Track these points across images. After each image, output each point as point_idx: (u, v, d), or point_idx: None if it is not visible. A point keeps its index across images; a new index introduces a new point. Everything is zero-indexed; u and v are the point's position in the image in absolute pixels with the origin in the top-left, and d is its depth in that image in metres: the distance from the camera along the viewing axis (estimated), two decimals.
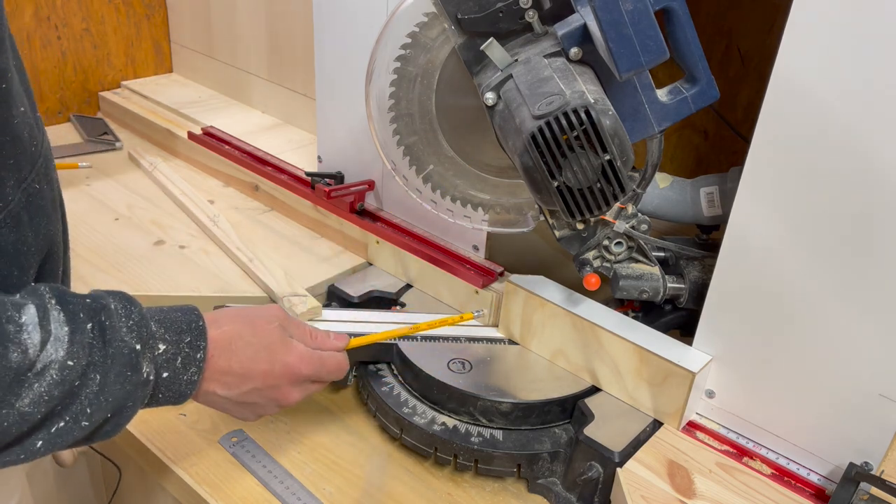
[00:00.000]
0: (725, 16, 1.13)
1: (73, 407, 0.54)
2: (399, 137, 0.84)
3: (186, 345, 0.62)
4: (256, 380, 0.68)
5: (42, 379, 0.51)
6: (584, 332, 0.84)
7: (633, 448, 0.77)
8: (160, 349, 0.60)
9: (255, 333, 0.68)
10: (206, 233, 1.13)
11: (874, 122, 0.63)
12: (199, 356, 0.62)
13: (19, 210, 0.57)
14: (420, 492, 0.79)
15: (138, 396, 0.58)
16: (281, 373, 0.69)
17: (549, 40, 0.73)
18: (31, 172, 0.59)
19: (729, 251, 0.76)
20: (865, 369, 0.70)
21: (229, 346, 0.66)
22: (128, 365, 0.56)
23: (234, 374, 0.66)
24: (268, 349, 0.68)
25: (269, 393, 0.69)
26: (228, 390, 0.66)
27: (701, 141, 1.25)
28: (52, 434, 0.53)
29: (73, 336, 0.53)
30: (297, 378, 0.71)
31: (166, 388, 0.61)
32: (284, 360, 0.69)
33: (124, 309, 0.58)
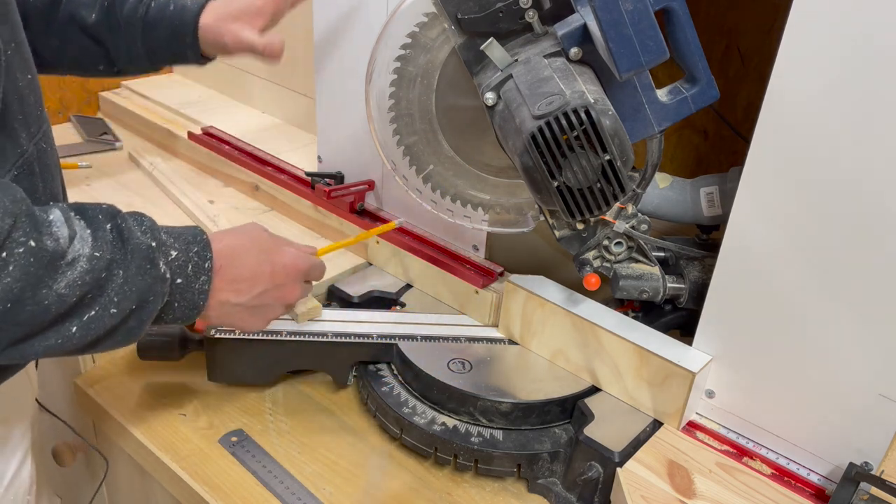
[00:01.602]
0: (725, 16, 1.13)
1: (101, 298, 0.58)
2: (399, 137, 0.84)
3: (195, 254, 0.66)
4: (265, 281, 0.74)
5: (73, 268, 0.56)
6: (584, 332, 0.84)
7: (633, 448, 0.77)
8: (172, 255, 0.64)
9: (253, 241, 0.74)
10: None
11: (874, 122, 0.63)
12: (206, 265, 0.67)
13: (32, 160, 0.64)
14: (420, 492, 0.79)
15: (158, 291, 0.62)
16: (283, 272, 0.76)
17: (549, 40, 0.74)
18: (38, 132, 0.65)
19: (729, 251, 0.76)
20: (865, 369, 0.70)
21: (234, 255, 0.71)
22: (146, 259, 0.61)
23: (244, 280, 0.72)
24: (267, 253, 0.75)
25: (276, 292, 0.75)
26: (241, 296, 0.71)
27: (701, 141, 1.25)
28: (85, 321, 0.58)
29: (96, 234, 0.58)
30: (296, 274, 0.78)
31: (181, 296, 0.65)
32: (282, 260, 0.76)
33: (136, 219, 0.63)
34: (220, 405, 0.89)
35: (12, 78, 0.61)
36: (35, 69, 0.67)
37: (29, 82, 0.64)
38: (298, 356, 0.90)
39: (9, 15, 0.61)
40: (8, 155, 0.62)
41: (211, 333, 0.86)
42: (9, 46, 0.61)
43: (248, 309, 0.73)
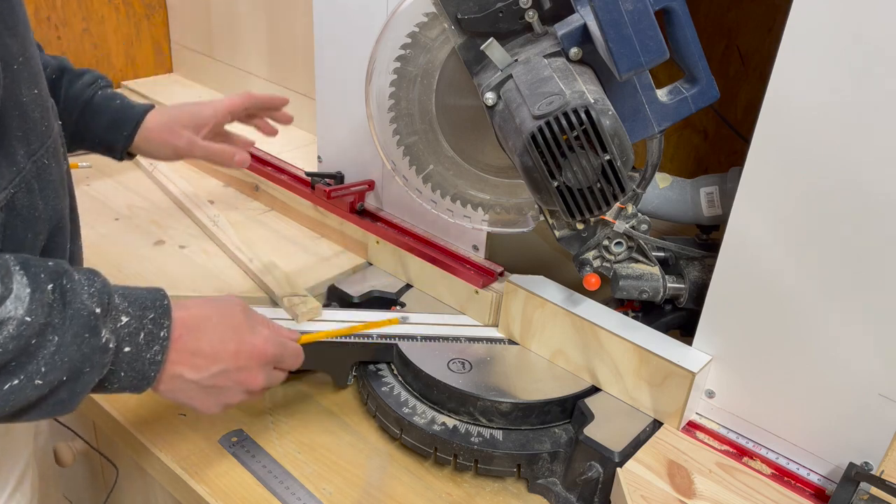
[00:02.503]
0: (725, 16, 1.14)
1: (28, 366, 0.53)
2: (399, 137, 0.84)
3: (150, 321, 0.61)
4: (226, 360, 0.67)
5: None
6: (584, 332, 0.84)
7: (633, 448, 0.77)
8: (122, 321, 0.59)
9: (222, 315, 0.69)
10: (206, 233, 1.13)
11: (874, 121, 0.63)
12: (162, 334, 0.61)
13: (31, 178, 0.61)
14: (420, 492, 0.79)
15: (96, 363, 0.57)
16: (249, 353, 0.69)
17: (549, 40, 0.74)
18: (40, 148, 0.63)
19: (729, 251, 0.76)
20: (865, 369, 0.70)
21: (198, 327, 0.65)
22: (86, 327, 0.55)
23: (204, 355, 0.66)
24: (235, 330, 0.69)
25: (237, 375, 0.69)
26: (197, 373, 0.65)
27: (701, 141, 1.25)
28: (5, 391, 0.52)
29: (34, 294, 0.53)
30: (263, 359, 0.71)
31: (128, 366, 0.60)
32: (252, 341, 0.70)
33: (87, 278, 0.58)
34: None
35: (16, 93, 0.59)
36: (45, 83, 0.65)
37: (35, 97, 0.62)
38: None
39: (17, 28, 0.60)
40: (3, 172, 0.59)
41: None
42: (16, 61, 0.59)
43: (202, 388, 0.67)
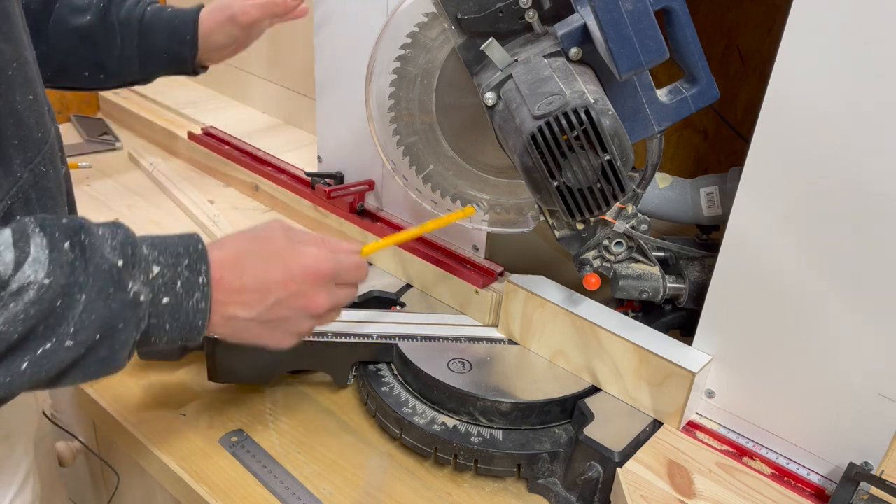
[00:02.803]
0: (725, 16, 1.13)
1: (58, 328, 0.51)
2: (399, 137, 0.85)
3: (185, 268, 0.58)
4: (276, 290, 0.64)
5: (19, 299, 0.49)
6: (584, 332, 0.84)
7: (633, 448, 0.77)
8: (154, 271, 0.57)
9: (261, 245, 0.66)
10: (206, 233, 1.13)
11: (874, 121, 0.63)
12: (201, 280, 0.59)
13: (28, 188, 0.60)
14: (420, 492, 0.79)
15: (129, 318, 0.54)
16: (300, 276, 0.65)
17: (549, 40, 0.74)
18: (37, 155, 0.61)
19: (729, 251, 0.76)
20: (865, 369, 0.70)
21: (237, 263, 0.63)
22: (110, 281, 0.53)
23: (251, 291, 0.63)
24: (278, 257, 0.65)
25: (294, 302, 0.65)
26: (250, 309, 0.63)
27: (701, 141, 1.25)
28: (38, 356, 0.51)
29: (52, 255, 0.51)
30: (318, 278, 0.66)
31: (171, 317, 0.58)
32: (300, 262, 0.66)
33: (110, 231, 0.56)
34: (220, 405, 0.89)
35: (11, 100, 0.57)
36: (41, 86, 0.63)
37: (31, 102, 0.60)
38: (298, 356, 0.89)
39: (12, 32, 0.57)
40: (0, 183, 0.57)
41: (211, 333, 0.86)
42: (10, 66, 0.57)
43: (263, 324, 0.64)
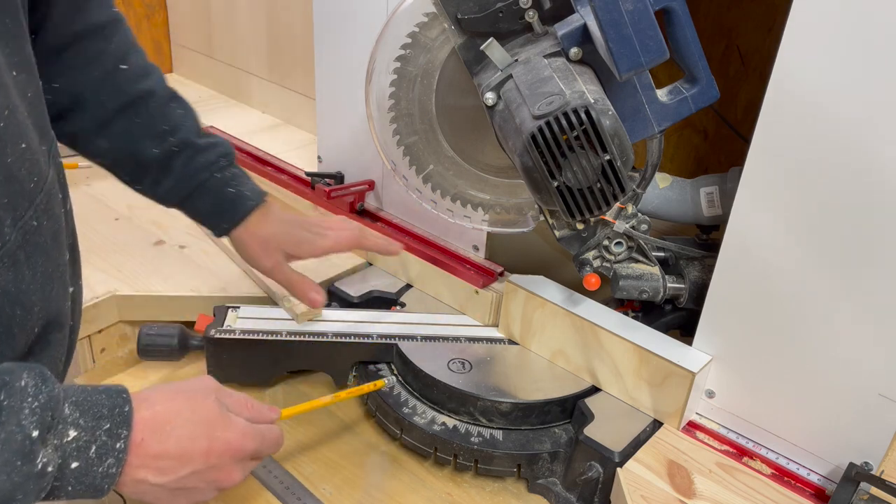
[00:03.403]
0: (725, 16, 1.13)
1: None
2: (399, 137, 0.84)
3: (105, 432, 0.55)
4: (197, 461, 0.61)
5: None
6: (584, 332, 0.84)
7: (633, 448, 0.77)
8: (70, 436, 0.53)
9: (193, 410, 0.62)
10: (206, 233, 1.13)
11: (874, 121, 0.63)
12: (118, 446, 0.55)
13: (15, 249, 0.55)
14: (420, 492, 0.79)
15: (30, 490, 0.51)
16: (222, 450, 0.62)
17: (549, 40, 0.74)
18: (28, 209, 0.57)
19: (729, 251, 0.76)
20: (865, 369, 0.70)
21: (163, 427, 0.59)
22: (19, 453, 0.49)
23: (170, 457, 0.59)
24: (207, 425, 0.62)
25: (210, 475, 0.62)
26: (163, 476, 0.59)
27: (701, 141, 1.25)
28: None
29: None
30: (239, 454, 0.64)
31: (77, 481, 0.54)
32: (226, 437, 0.62)
33: (33, 387, 0.51)
34: None
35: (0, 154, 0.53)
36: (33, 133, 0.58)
37: (23, 152, 0.55)
38: (298, 356, 0.90)
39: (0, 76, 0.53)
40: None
41: (211, 333, 0.86)
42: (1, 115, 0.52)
43: (170, 491, 0.60)
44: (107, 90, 0.75)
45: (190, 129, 0.80)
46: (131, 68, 0.77)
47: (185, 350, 0.88)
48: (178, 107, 0.80)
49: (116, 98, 0.76)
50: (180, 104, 0.81)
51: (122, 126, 0.77)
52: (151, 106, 0.78)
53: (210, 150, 0.81)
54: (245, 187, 0.83)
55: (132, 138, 0.77)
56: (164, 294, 0.97)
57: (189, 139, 0.80)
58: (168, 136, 0.78)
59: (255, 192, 0.84)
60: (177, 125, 0.79)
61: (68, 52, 0.73)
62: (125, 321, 0.97)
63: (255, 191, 0.84)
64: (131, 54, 0.78)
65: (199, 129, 0.81)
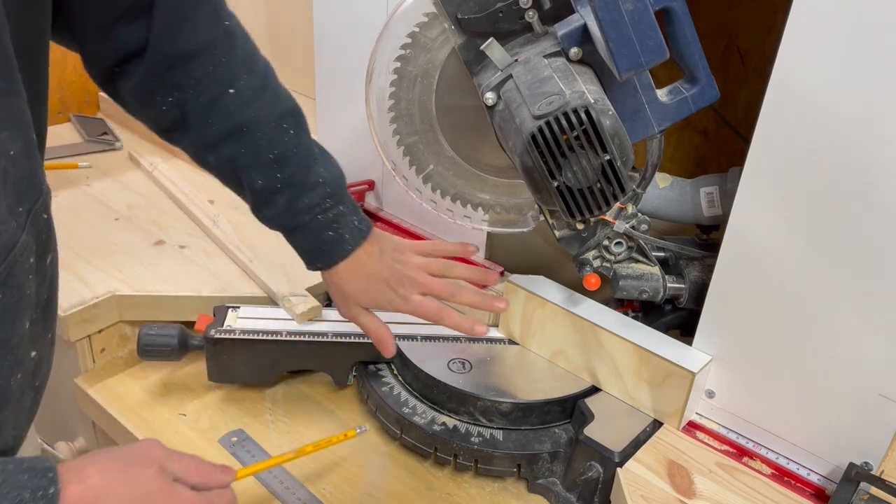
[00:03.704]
0: (725, 16, 1.13)
1: None
2: (399, 137, 0.84)
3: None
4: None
5: None
6: (584, 332, 0.84)
7: (633, 448, 0.77)
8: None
9: (130, 483, 0.56)
10: (206, 233, 1.13)
11: (874, 121, 0.63)
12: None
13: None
14: (420, 492, 0.79)
15: None
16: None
17: (549, 40, 0.74)
18: None
19: (729, 251, 0.76)
20: (865, 369, 0.70)
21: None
22: None
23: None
24: (146, 499, 0.56)
25: None
26: None
27: (701, 141, 1.25)
28: None
29: None
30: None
31: None
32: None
33: None
34: (220, 405, 0.89)
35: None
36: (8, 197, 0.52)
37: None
38: (298, 356, 0.90)
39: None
40: None
41: (211, 333, 0.86)
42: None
43: None
44: (213, 114, 0.71)
45: (299, 162, 0.75)
46: (239, 93, 0.71)
47: (185, 350, 0.88)
48: (290, 126, 0.74)
49: (223, 123, 0.72)
50: (293, 123, 0.75)
51: (228, 151, 0.73)
52: (258, 135, 0.73)
53: (316, 189, 0.75)
54: (346, 227, 0.77)
55: (237, 165, 0.74)
56: (164, 294, 0.97)
57: (295, 178, 0.74)
58: (274, 168, 0.74)
59: (356, 232, 0.78)
60: (284, 155, 0.74)
61: (174, 73, 0.69)
62: (125, 321, 0.97)
63: (357, 230, 0.78)
64: (241, 76, 0.72)
65: (308, 161, 0.75)
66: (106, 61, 0.69)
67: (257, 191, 0.75)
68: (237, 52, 0.72)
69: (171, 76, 0.69)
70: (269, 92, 0.74)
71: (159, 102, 0.70)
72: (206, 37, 0.70)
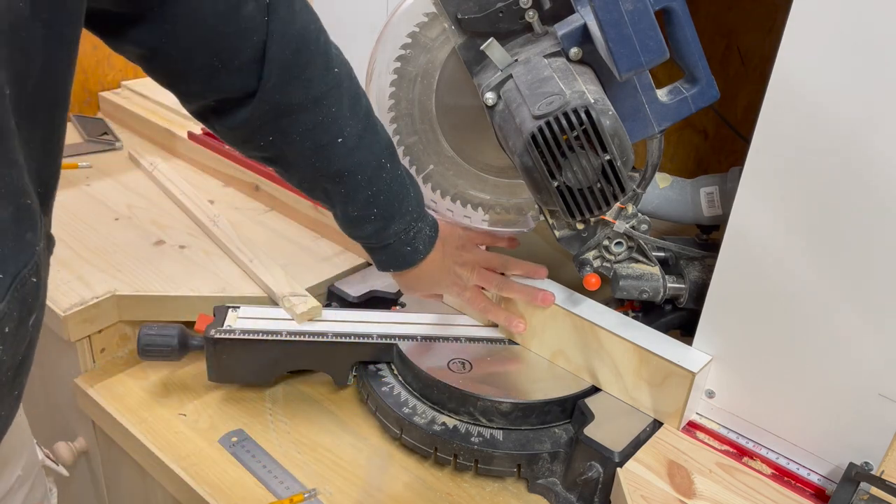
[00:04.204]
0: (725, 16, 1.13)
1: None
2: (399, 137, 0.85)
3: None
4: None
5: None
6: (584, 332, 0.84)
7: (633, 448, 0.77)
8: None
9: None
10: (206, 233, 1.13)
11: (874, 121, 0.63)
12: None
13: None
14: (420, 492, 0.79)
15: None
16: None
17: (549, 40, 0.74)
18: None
19: (729, 251, 0.76)
20: (865, 369, 0.70)
21: None
22: None
23: None
24: None
25: None
26: None
27: (701, 141, 1.25)
28: None
29: None
30: None
31: None
32: None
33: None
34: (220, 405, 0.89)
35: None
36: None
37: None
38: (298, 356, 0.90)
39: None
40: None
41: (211, 333, 0.86)
42: None
43: None
44: (317, 159, 0.71)
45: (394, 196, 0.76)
46: (345, 141, 0.71)
47: (185, 350, 0.88)
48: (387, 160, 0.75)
49: (325, 169, 0.72)
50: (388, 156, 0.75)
51: (326, 189, 0.75)
52: (359, 178, 0.73)
53: (405, 216, 0.78)
54: (420, 240, 0.80)
55: (332, 199, 0.76)
56: (164, 294, 0.97)
57: (388, 211, 0.76)
58: (371, 203, 0.75)
59: (428, 241, 0.81)
60: (381, 190, 0.75)
61: (281, 121, 0.68)
62: (125, 321, 0.97)
63: (429, 239, 0.81)
64: (347, 125, 0.71)
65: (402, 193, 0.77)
66: (207, 101, 0.68)
67: (349, 218, 0.77)
68: (344, 100, 0.71)
69: (278, 124, 0.68)
70: (369, 132, 0.73)
71: (259, 140, 0.70)
72: (318, 90, 0.68)
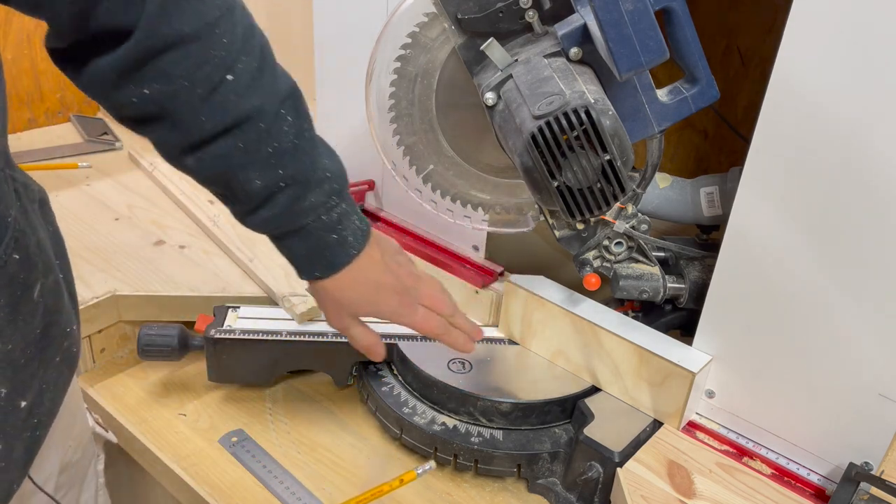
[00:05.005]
0: (725, 16, 1.13)
1: None
2: (399, 137, 0.85)
3: None
4: None
5: None
6: (584, 332, 0.84)
7: (633, 448, 0.77)
8: None
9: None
10: (206, 233, 1.13)
11: (874, 121, 0.63)
12: None
13: None
14: (420, 492, 0.79)
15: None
16: None
17: (549, 40, 0.74)
18: None
19: (729, 251, 0.76)
20: (865, 369, 0.70)
21: None
22: None
23: None
24: None
25: None
26: None
27: (701, 141, 1.25)
28: None
29: None
30: None
31: None
32: None
33: None
34: (220, 405, 0.89)
35: None
36: None
37: None
38: (298, 356, 0.90)
39: None
40: None
41: (211, 333, 0.86)
42: None
43: None
44: (207, 109, 0.58)
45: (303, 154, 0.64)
46: (239, 79, 0.58)
47: (185, 350, 0.88)
48: (289, 112, 0.62)
49: (218, 118, 0.59)
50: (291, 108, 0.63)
51: (220, 150, 0.61)
52: (260, 127, 0.60)
53: (323, 185, 0.65)
54: (349, 229, 0.67)
55: (231, 164, 0.61)
56: (164, 294, 0.97)
57: (300, 173, 0.63)
58: (275, 163, 0.62)
59: (359, 234, 0.68)
60: (286, 147, 0.62)
61: (162, 60, 0.55)
62: (125, 321, 0.97)
63: (359, 231, 0.68)
64: (241, 57, 0.58)
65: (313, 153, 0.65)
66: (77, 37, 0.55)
67: (254, 192, 0.63)
68: (238, 24, 0.58)
69: (160, 63, 0.55)
70: (267, 72, 0.61)
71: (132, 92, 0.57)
72: (207, 16, 0.56)
